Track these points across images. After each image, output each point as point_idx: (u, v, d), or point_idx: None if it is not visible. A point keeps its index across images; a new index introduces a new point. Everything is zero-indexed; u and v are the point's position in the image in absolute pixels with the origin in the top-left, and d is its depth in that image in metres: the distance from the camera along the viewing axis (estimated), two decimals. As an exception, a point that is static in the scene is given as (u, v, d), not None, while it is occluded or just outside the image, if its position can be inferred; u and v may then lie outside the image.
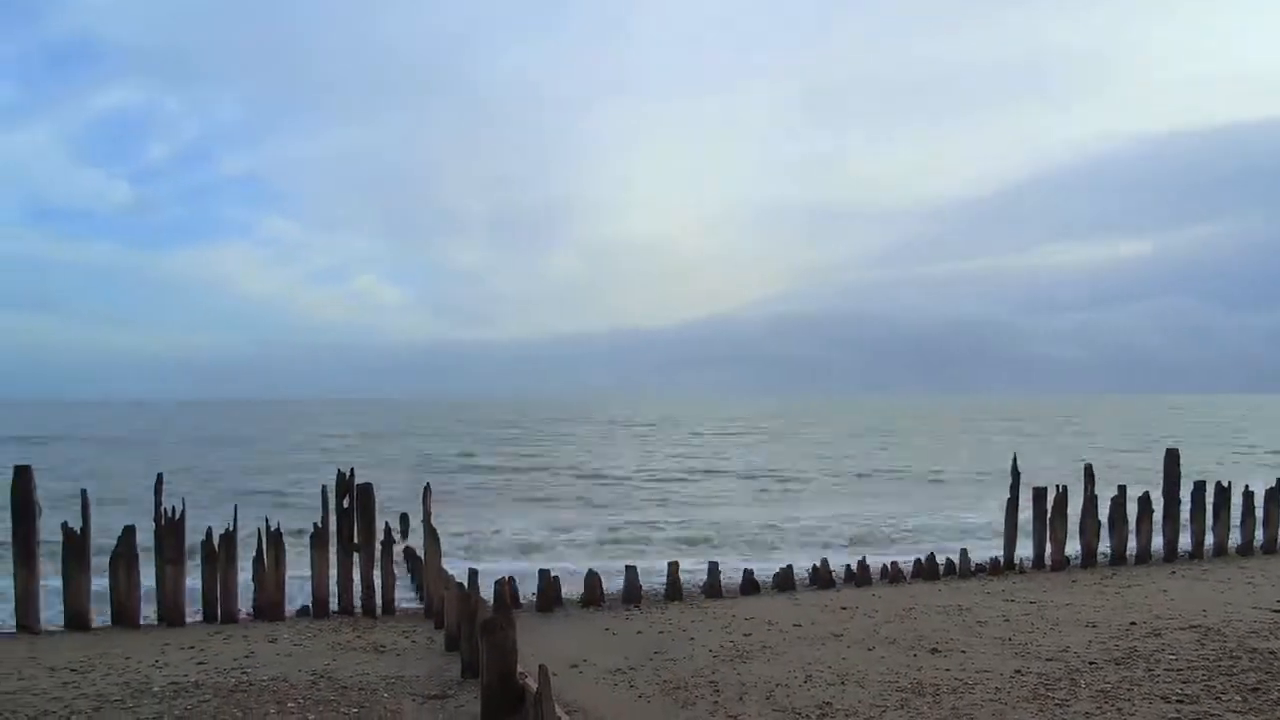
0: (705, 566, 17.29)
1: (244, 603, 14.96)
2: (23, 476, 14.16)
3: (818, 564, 17.98)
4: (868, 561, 18.18)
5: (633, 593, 16.11)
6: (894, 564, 18.33)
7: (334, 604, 15.28)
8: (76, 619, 14.08)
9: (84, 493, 14.49)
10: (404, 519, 16.76)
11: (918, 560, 18.63)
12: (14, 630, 13.83)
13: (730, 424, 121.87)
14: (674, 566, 16.81)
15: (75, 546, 14.09)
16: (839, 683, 10.31)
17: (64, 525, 14.12)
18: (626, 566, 16.81)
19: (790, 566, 17.80)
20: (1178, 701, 9.21)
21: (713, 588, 16.65)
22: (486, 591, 14.04)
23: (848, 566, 18.04)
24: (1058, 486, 19.24)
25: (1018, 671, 10.55)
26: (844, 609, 14.79)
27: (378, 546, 15.46)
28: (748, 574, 17.40)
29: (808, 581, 17.63)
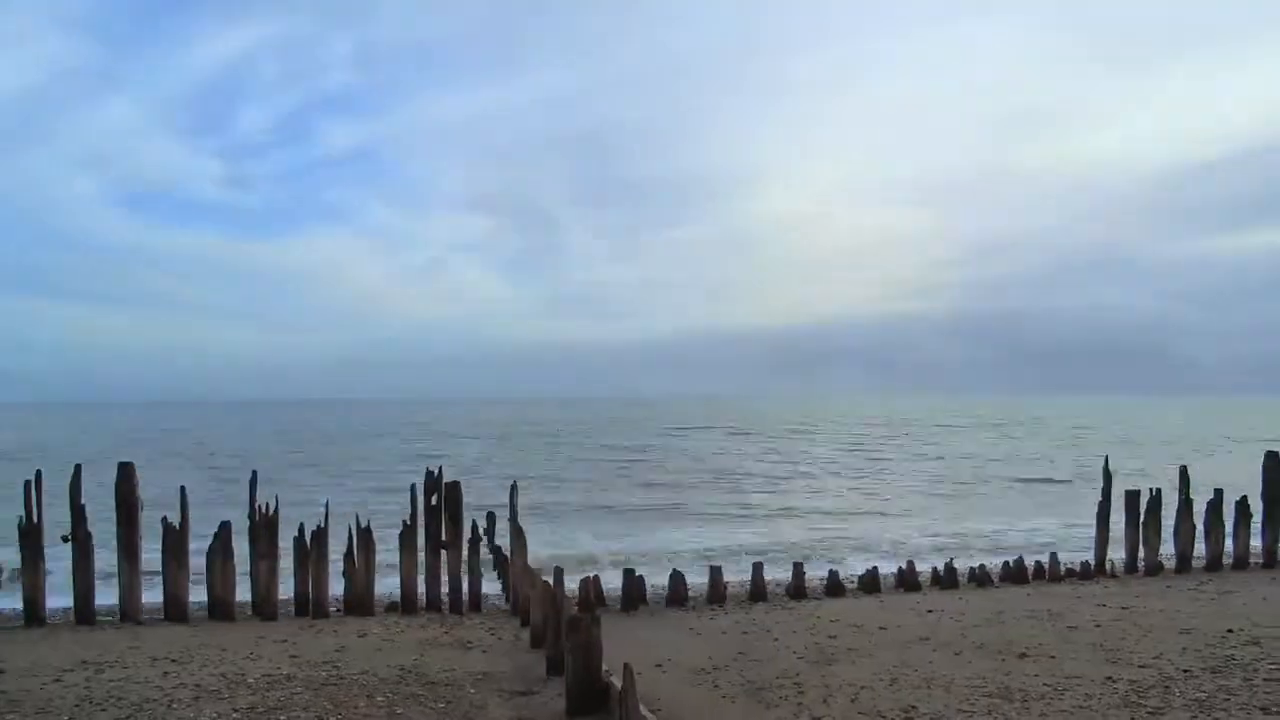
0: (815, 569, 17.23)
1: (334, 598, 15.33)
2: (125, 474, 14.66)
3: (903, 566, 17.81)
4: (955, 564, 17.97)
5: (717, 593, 16.12)
6: (981, 567, 18.07)
7: (422, 600, 15.54)
8: (176, 611, 14.55)
9: (183, 490, 14.95)
10: (490, 517, 16.97)
11: (1006, 563, 18.31)
12: (119, 620, 14.34)
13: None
14: (758, 567, 16.78)
15: (174, 541, 14.56)
16: (925, 686, 10.21)
17: (164, 520, 14.60)
18: (710, 567, 16.82)
19: (876, 568, 17.65)
20: (1277, 713, 8.94)
21: (797, 589, 16.58)
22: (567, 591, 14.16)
23: (934, 569, 17.84)
24: (1151, 489, 18.79)
25: (1109, 678, 10.33)
26: (930, 612, 14.63)
27: (465, 544, 15.70)
28: (832, 575, 17.29)
29: (893, 584, 17.48)
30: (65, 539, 14.31)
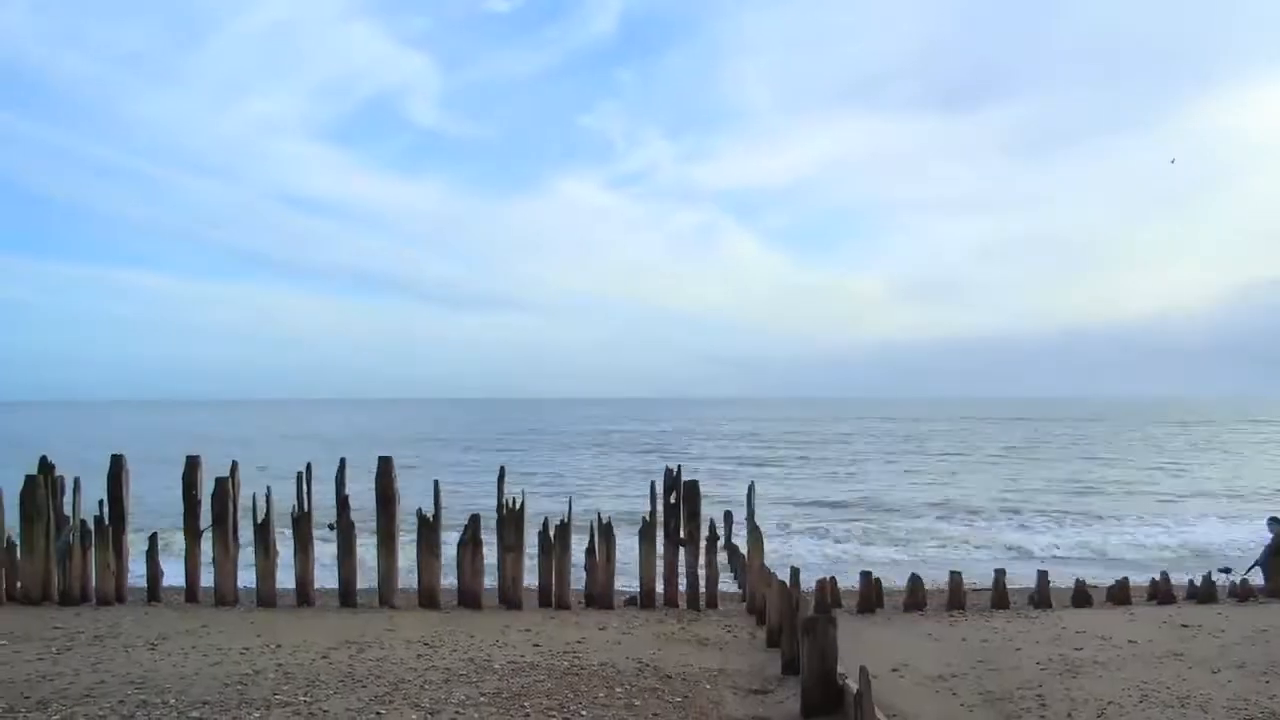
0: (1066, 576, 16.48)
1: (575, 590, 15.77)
2: (384, 466, 15.58)
3: (1156, 577, 16.73)
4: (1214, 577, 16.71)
5: (956, 598, 15.63)
6: (1243, 580, 16.73)
7: (659, 596, 15.77)
8: (428, 598, 15.34)
9: (436, 484, 15.75)
10: (728, 516, 17.10)
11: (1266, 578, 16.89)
12: (377, 605, 15.27)
13: None
14: (1000, 574, 16.15)
15: (428, 531, 15.36)
16: (1178, 705, 9.52)
17: (419, 511, 15.41)
18: (951, 572, 16.31)
19: (1126, 579, 16.64)
20: None
21: (1041, 597, 15.84)
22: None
23: (1190, 581, 16.65)
24: None
25: (1405, 709, 9.36)
26: (1185, 627, 13.62)
27: (702, 542, 15.84)
28: (1079, 584, 16.42)
29: (1145, 596, 16.44)
30: (331, 527, 15.37)
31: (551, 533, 15.50)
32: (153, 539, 15.92)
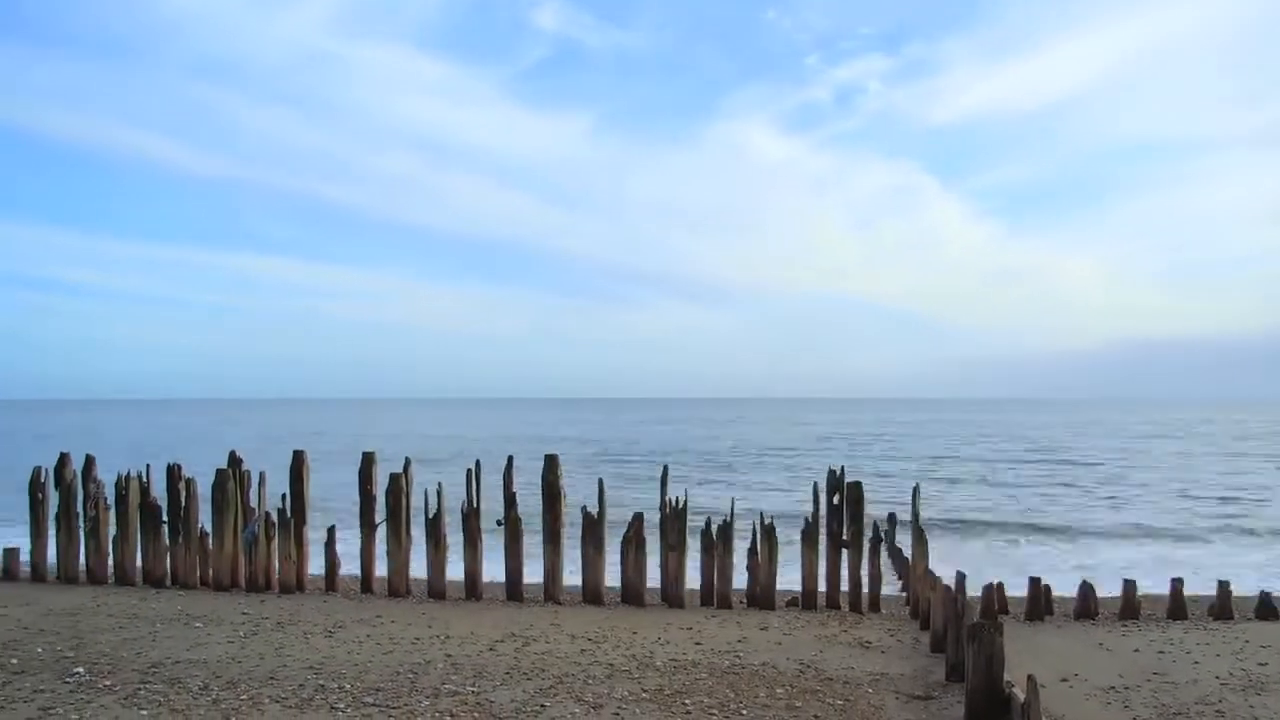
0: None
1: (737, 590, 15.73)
2: (550, 464, 15.87)
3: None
4: None
5: (1130, 608, 14.93)
6: None
7: (821, 598, 15.59)
8: (592, 594, 15.56)
9: (600, 482, 15.97)
10: (891, 518, 16.81)
11: None
12: (542, 600, 15.57)
13: None
14: (1177, 583, 15.33)
15: (592, 529, 15.57)
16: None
17: (583, 509, 15.65)
18: (1124, 580, 15.58)
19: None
20: None
21: (1222, 608, 14.96)
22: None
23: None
24: None
25: None
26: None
27: (865, 544, 15.59)
28: (1263, 596, 15.44)
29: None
30: (499, 523, 15.74)
31: (714, 532, 15.51)
32: (330, 531, 16.63)
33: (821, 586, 15.56)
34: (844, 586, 15.52)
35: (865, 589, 15.47)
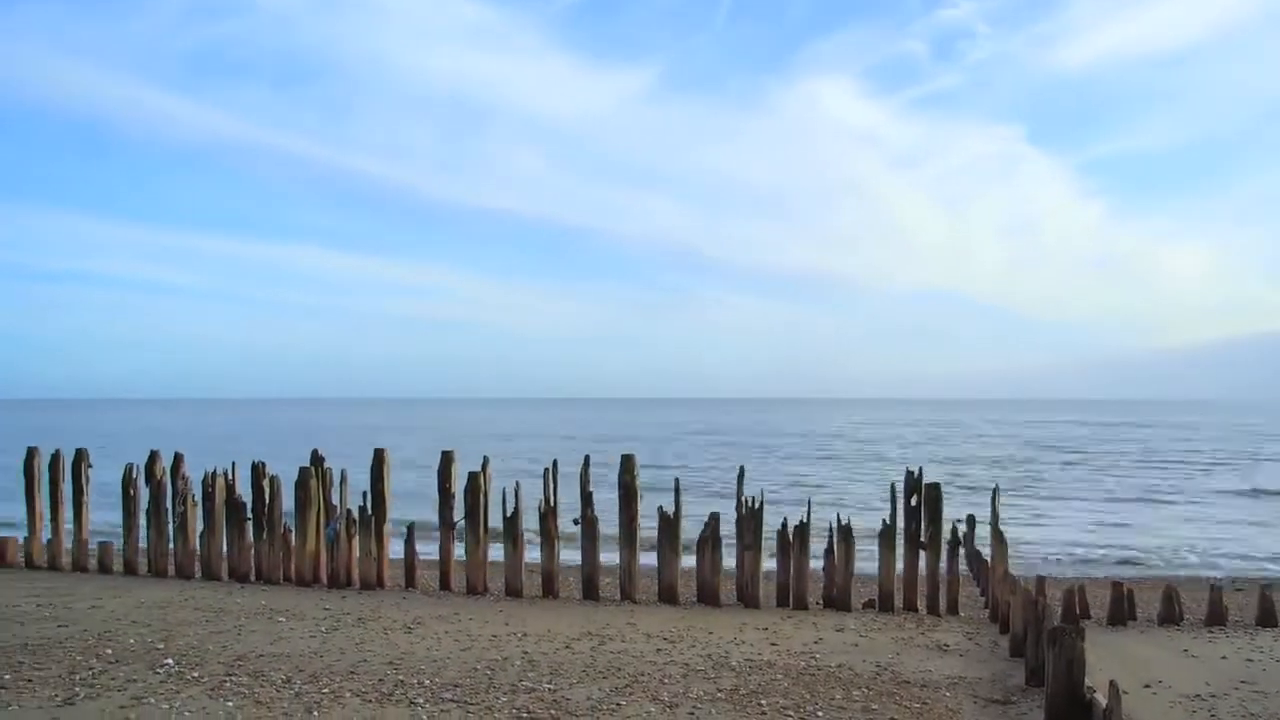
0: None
1: (813, 591, 15.66)
2: (626, 465, 15.93)
3: None
4: None
5: (1216, 614, 14.56)
6: None
7: (898, 600, 15.45)
8: (668, 594, 15.60)
9: (676, 481, 16.02)
10: (970, 520, 16.57)
11: None
12: (619, 599, 15.65)
13: None
14: (1265, 589, 14.91)
15: (668, 528, 15.61)
16: None
17: (659, 509, 15.68)
18: (1211, 585, 15.22)
19: None
20: None
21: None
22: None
23: None
24: None
25: None
26: None
27: (944, 546, 15.42)
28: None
29: None
30: (575, 522, 15.87)
31: (790, 533, 15.45)
32: (410, 529, 16.92)
33: (898, 589, 15.43)
34: (922, 589, 15.37)
35: (943, 592, 15.30)
